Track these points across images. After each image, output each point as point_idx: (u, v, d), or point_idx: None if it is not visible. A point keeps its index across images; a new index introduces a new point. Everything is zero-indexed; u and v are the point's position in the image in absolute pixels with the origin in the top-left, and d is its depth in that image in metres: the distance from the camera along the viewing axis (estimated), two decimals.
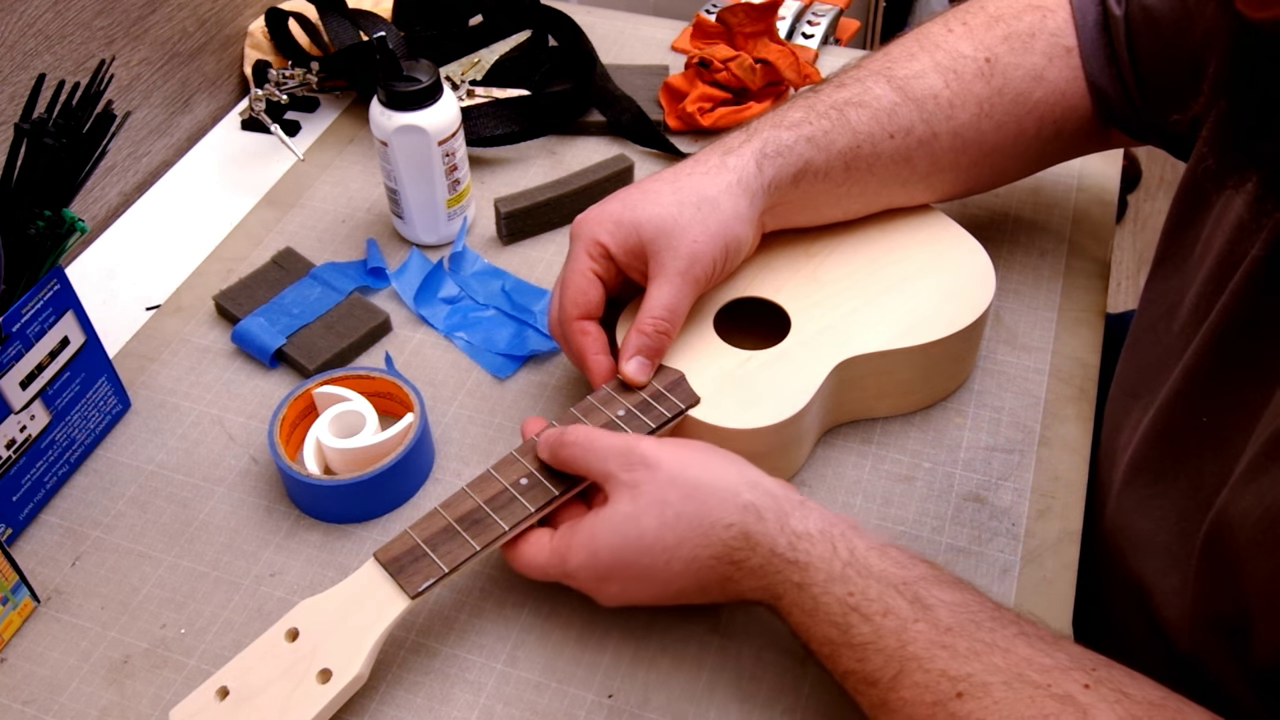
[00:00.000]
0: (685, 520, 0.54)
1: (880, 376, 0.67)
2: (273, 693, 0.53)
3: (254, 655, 0.54)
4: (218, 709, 0.52)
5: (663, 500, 0.55)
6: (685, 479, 0.55)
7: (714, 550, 0.54)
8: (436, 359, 0.76)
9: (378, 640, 0.54)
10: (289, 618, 0.55)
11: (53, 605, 0.63)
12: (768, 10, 0.96)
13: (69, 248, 0.64)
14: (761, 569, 0.54)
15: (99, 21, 0.84)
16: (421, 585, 0.55)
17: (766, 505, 0.54)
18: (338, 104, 0.98)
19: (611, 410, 0.63)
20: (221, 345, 0.77)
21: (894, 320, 0.67)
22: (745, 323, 0.69)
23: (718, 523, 0.54)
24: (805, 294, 0.69)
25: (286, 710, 0.52)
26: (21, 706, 0.59)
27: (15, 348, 0.61)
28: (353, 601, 0.55)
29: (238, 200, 0.89)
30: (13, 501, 0.65)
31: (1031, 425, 0.71)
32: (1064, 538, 0.65)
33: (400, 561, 0.56)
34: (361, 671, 0.53)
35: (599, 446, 0.57)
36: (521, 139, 0.91)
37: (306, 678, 0.53)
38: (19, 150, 0.60)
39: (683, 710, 0.58)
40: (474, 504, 0.58)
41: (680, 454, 0.56)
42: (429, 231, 0.83)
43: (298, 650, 0.54)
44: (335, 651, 0.54)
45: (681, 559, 0.54)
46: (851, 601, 0.51)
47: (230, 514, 0.67)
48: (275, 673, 0.53)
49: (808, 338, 0.66)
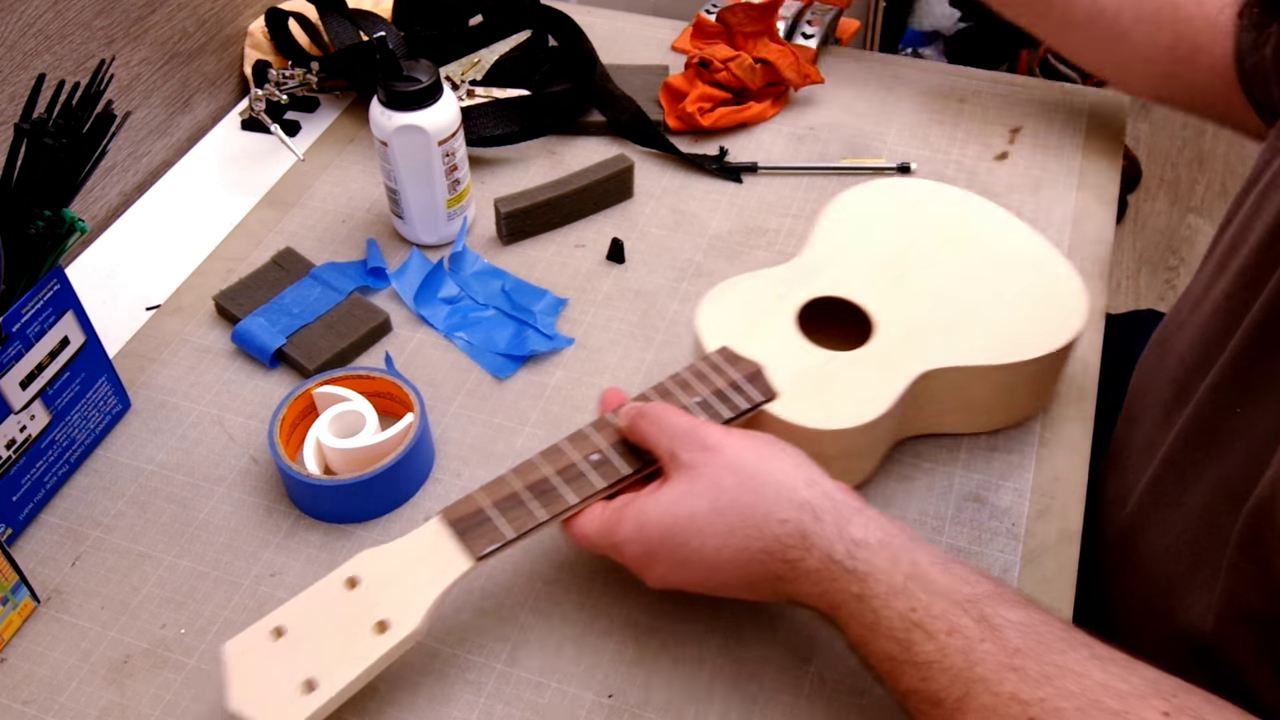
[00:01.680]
0: (739, 508, 0.53)
1: (958, 392, 0.66)
2: (328, 638, 0.53)
3: (311, 599, 0.54)
4: (271, 647, 0.53)
5: (718, 484, 0.54)
6: (743, 466, 0.54)
7: (766, 544, 0.53)
8: (436, 359, 0.76)
9: (439, 597, 0.54)
10: (349, 566, 0.55)
11: (53, 605, 0.63)
12: (768, 10, 0.96)
13: (69, 248, 0.64)
14: (818, 574, 0.52)
15: (99, 21, 0.84)
16: (487, 548, 0.55)
17: (824, 506, 0.53)
18: (338, 104, 0.98)
19: (688, 396, 0.62)
20: (221, 345, 0.77)
21: (981, 336, 0.66)
22: (825, 322, 0.68)
23: (771, 515, 0.53)
24: (891, 300, 0.68)
25: (342, 657, 0.52)
26: (21, 706, 0.59)
27: (15, 348, 0.61)
28: (415, 557, 0.55)
29: (238, 200, 0.89)
30: (13, 501, 0.65)
31: (1031, 425, 0.71)
32: (1064, 538, 0.65)
33: (466, 522, 0.56)
34: (420, 627, 0.53)
35: (669, 424, 0.57)
36: (521, 139, 0.91)
37: (363, 627, 0.53)
38: (19, 150, 0.60)
39: (683, 710, 0.58)
40: (543, 475, 0.58)
41: (742, 442, 0.55)
42: (429, 231, 0.83)
43: (356, 599, 0.54)
44: (394, 604, 0.53)
45: (732, 548, 0.53)
46: (915, 617, 0.49)
47: (230, 514, 0.67)
48: (331, 618, 0.53)
49: (891, 344, 0.65)
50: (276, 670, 0.52)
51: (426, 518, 0.66)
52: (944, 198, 0.75)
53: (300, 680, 0.51)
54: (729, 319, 0.67)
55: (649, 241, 0.84)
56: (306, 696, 0.51)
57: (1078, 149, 0.90)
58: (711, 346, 0.65)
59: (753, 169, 0.89)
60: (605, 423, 0.60)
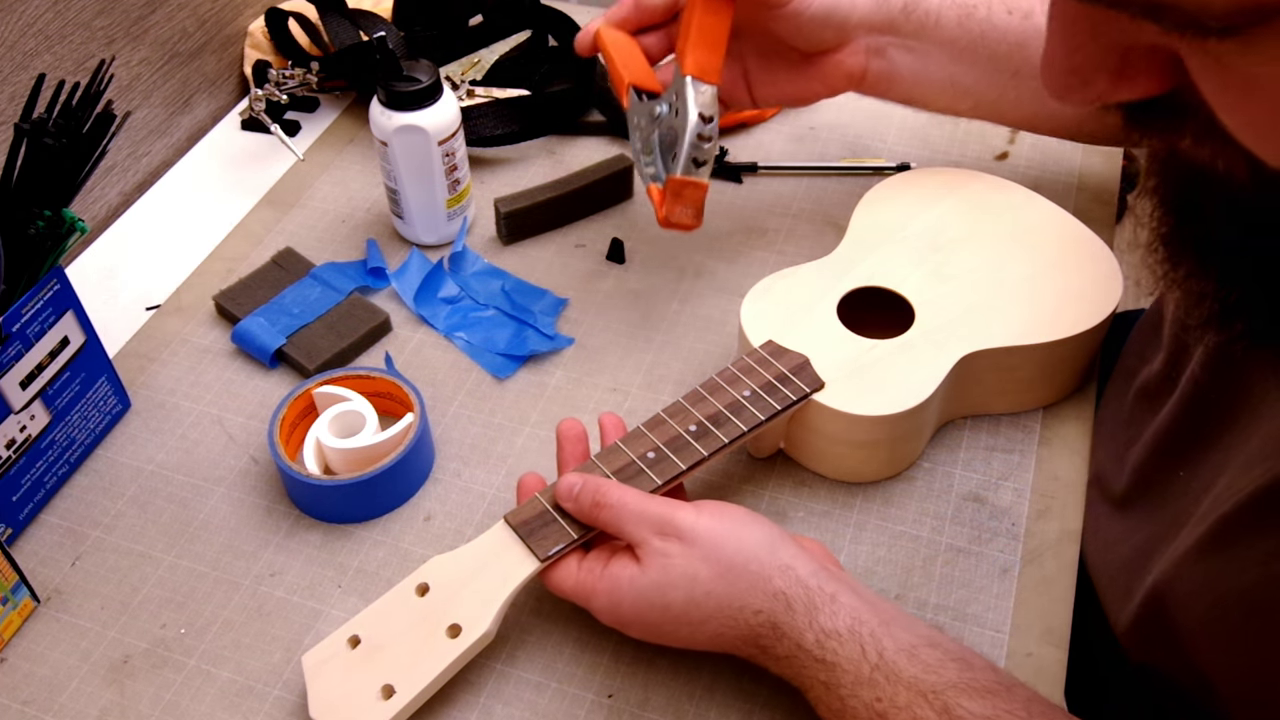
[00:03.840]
0: (714, 599, 0.53)
1: (1002, 373, 0.67)
2: (403, 644, 0.54)
3: (385, 607, 0.56)
4: (349, 656, 0.54)
5: (693, 577, 0.54)
6: (719, 559, 0.54)
7: (739, 632, 0.54)
8: (436, 359, 0.76)
9: (507, 599, 0.55)
10: (419, 573, 0.56)
11: (53, 605, 0.63)
12: None
13: (69, 248, 0.64)
14: (788, 660, 0.53)
15: (99, 21, 0.84)
16: (552, 549, 0.56)
17: (797, 595, 0.53)
18: (338, 104, 0.98)
19: (737, 390, 0.62)
20: (221, 345, 0.77)
21: (1019, 317, 0.67)
22: (866, 312, 0.69)
23: (746, 608, 0.53)
24: (929, 287, 0.69)
25: (417, 661, 0.53)
26: (21, 706, 0.59)
27: (15, 348, 0.61)
28: (482, 561, 0.57)
29: (238, 200, 0.89)
30: (13, 501, 0.65)
31: (1031, 425, 0.71)
32: (1064, 538, 0.65)
33: (530, 525, 0.57)
34: (490, 629, 0.55)
35: (634, 510, 0.56)
36: (521, 139, 0.91)
37: (436, 631, 0.54)
38: (19, 150, 0.60)
39: (683, 710, 0.58)
40: (602, 475, 0.59)
41: (717, 529, 0.55)
42: (429, 231, 0.83)
43: (428, 605, 0.55)
44: (465, 608, 0.55)
45: (706, 633, 0.54)
46: (879, 707, 0.50)
47: (230, 514, 0.67)
48: (406, 625, 0.55)
49: (932, 329, 0.66)
50: (354, 678, 0.53)
51: (427, 518, 0.66)
52: (974, 183, 0.76)
53: (378, 687, 0.53)
54: (772, 314, 0.67)
55: (649, 241, 0.84)
56: (385, 702, 0.53)
57: (1077, 149, 0.90)
58: (757, 341, 0.66)
59: (753, 169, 0.89)
60: (659, 420, 0.61)
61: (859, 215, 0.74)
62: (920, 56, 0.71)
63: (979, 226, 0.73)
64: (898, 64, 0.71)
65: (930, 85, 0.73)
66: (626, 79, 0.70)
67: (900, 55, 0.71)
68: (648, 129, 0.69)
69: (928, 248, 0.72)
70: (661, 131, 0.68)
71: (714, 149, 0.66)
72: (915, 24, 0.70)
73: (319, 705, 0.53)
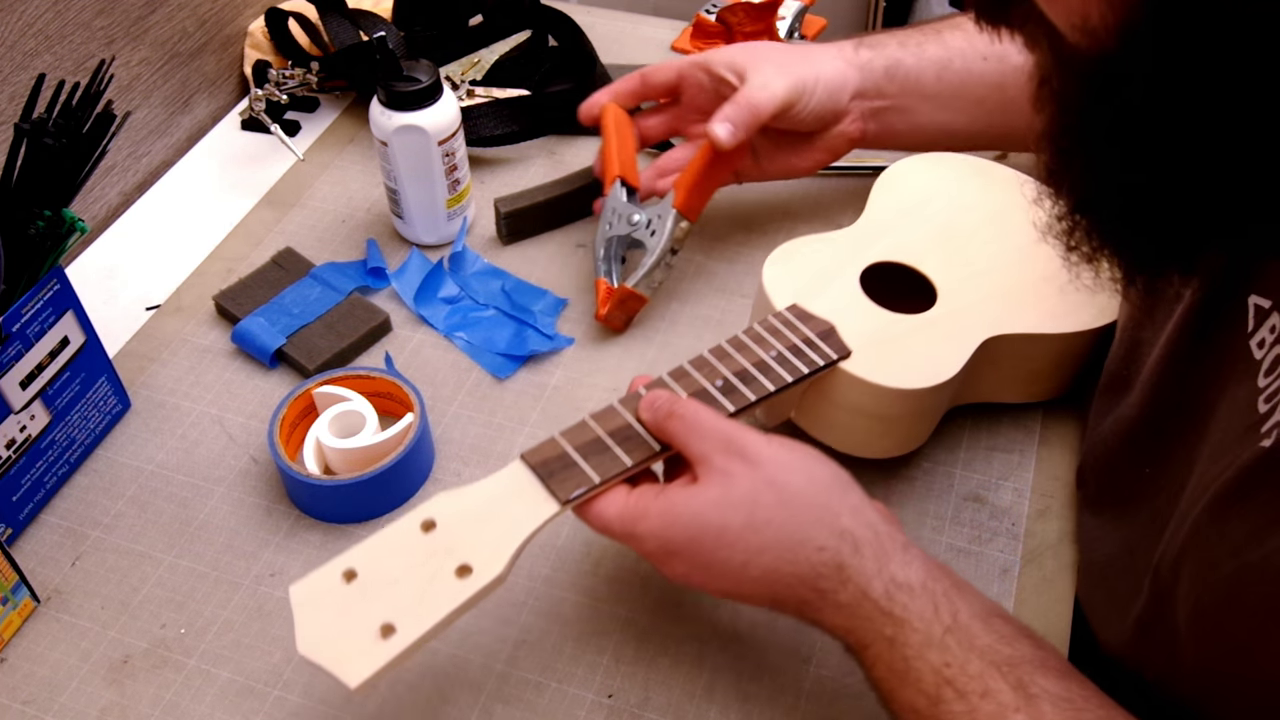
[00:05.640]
0: (775, 528, 0.50)
1: (1018, 361, 0.67)
2: (406, 581, 0.50)
3: (384, 542, 0.51)
4: (343, 590, 0.49)
5: (755, 500, 0.50)
6: (785, 485, 0.51)
7: (798, 570, 0.50)
8: (436, 359, 0.76)
9: (523, 542, 0.51)
10: (425, 508, 0.52)
11: (53, 605, 0.63)
12: (768, 10, 0.96)
13: (69, 248, 0.64)
14: (849, 609, 0.49)
15: (99, 21, 0.84)
16: (573, 492, 0.53)
17: (866, 538, 0.50)
18: (338, 104, 0.98)
19: (764, 350, 0.61)
20: (221, 345, 0.77)
21: (1042, 306, 0.66)
22: (883, 286, 0.68)
23: (809, 542, 0.50)
24: (950, 267, 0.69)
25: (421, 600, 0.49)
26: (21, 706, 0.59)
27: (15, 348, 0.61)
28: (497, 500, 0.53)
29: (238, 200, 0.89)
30: (13, 501, 0.65)
31: (1031, 425, 0.71)
32: (1064, 538, 0.65)
33: (550, 466, 0.54)
34: (503, 573, 0.50)
35: (705, 424, 0.53)
36: (521, 139, 0.91)
37: (443, 571, 0.50)
38: (19, 150, 0.60)
39: (683, 710, 0.58)
40: (626, 421, 0.56)
41: (784, 456, 0.52)
42: (429, 231, 0.83)
43: (434, 542, 0.51)
44: (476, 548, 0.51)
45: (760, 567, 0.50)
46: (948, 674, 0.46)
47: (230, 514, 0.67)
48: (408, 562, 0.50)
49: (957, 310, 0.66)
50: (349, 614, 0.49)
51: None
52: (994, 173, 0.77)
53: (377, 625, 0.48)
54: (794, 278, 0.67)
55: None
56: (385, 641, 0.48)
57: None
58: (780, 304, 0.65)
59: None
60: (683, 372, 0.59)
61: (879, 191, 0.75)
62: (908, 113, 0.76)
63: (999, 214, 0.73)
64: (891, 122, 0.77)
65: (923, 134, 0.78)
66: (616, 169, 0.78)
67: (891, 115, 0.76)
68: (615, 225, 0.76)
69: (947, 229, 0.71)
70: (623, 234, 0.76)
71: (668, 274, 0.76)
72: (898, 85, 0.75)
73: (309, 640, 0.48)
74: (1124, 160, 0.41)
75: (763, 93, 0.72)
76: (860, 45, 0.75)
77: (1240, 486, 0.45)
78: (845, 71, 0.74)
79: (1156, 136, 0.39)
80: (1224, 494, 0.46)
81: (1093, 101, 0.41)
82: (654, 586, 0.63)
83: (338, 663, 0.47)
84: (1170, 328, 0.54)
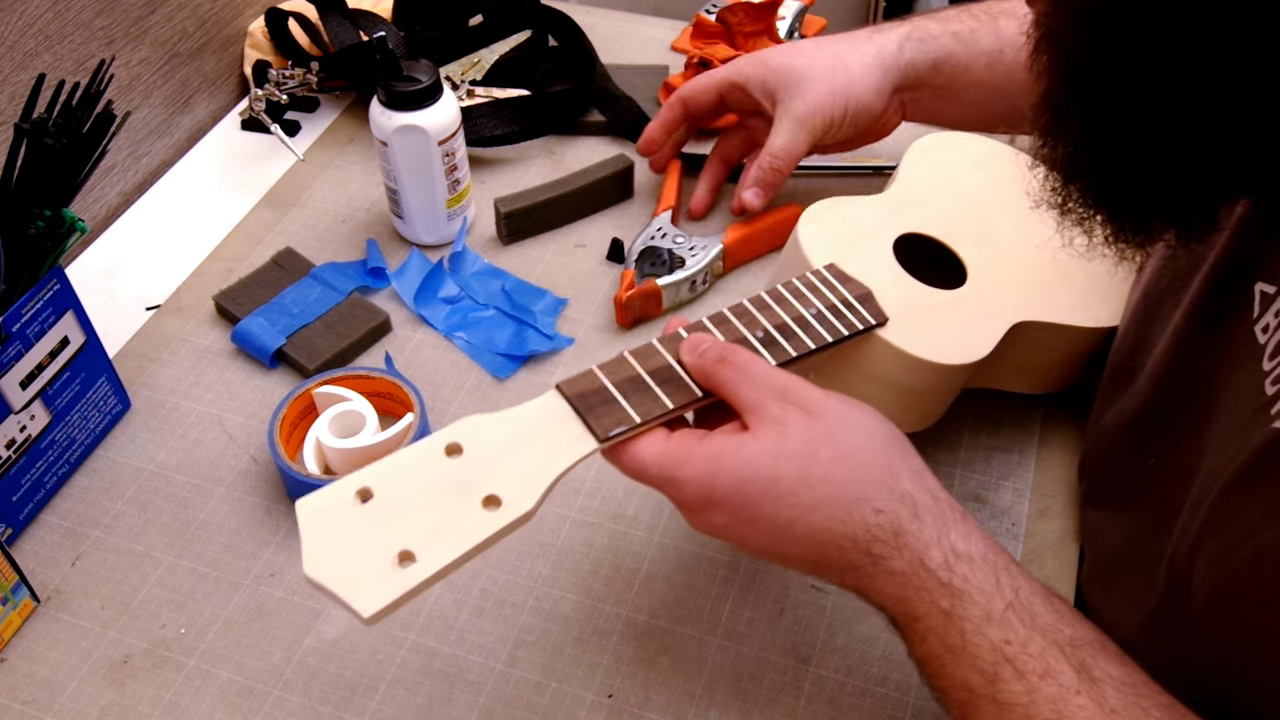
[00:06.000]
0: (830, 485, 0.47)
1: (1038, 349, 0.66)
2: (427, 507, 0.46)
3: (405, 463, 0.47)
4: (357, 510, 0.45)
5: (812, 453, 0.47)
6: (844, 440, 0.48)
7: (851, 531, 0.47)
8: (436, 359, 0.76)
9: (556, 478, 0.48)
10: (450, 430, 0.48)
11: (53, 605, 0.63)
12: (768, 10, 0.96)
13: (69, 248, 0.64)
14: (903, 577, 0.47)
15: (99, 21, 0.84)
16: (613, 430, 0.49)
17: (926, 504, 0.47)
18: (338, 104, 0.98)
19: (805, 307, 0.58)
20: (221, 345, 0.77)
21: (1070, 297, 0.66)
22: (909, 259, 0.67)
23: (866, 501, 0.47)
24: (979, 248, 0.68)
25: (445, 529, 0.45)
26: (21, 706, 0.59)
27: (15, 348, 0.61)
28: (531, 430, 0.49)
29: (238, 200, 0.89)
30: (13, 501, 0.65)
31: (1031, 425, 0.71)
32: (1064, 538, 0.65)
33: (588, 400, 0.50)
34: (533, 508, 0.47)
35: (759, 372, 0.50)
36: (521, 139, 0.91)
37: (469, 499, 0.46)
38: (19, 150, 0.60)
39: (683, 710, 0.58)
40: (666, 362, 0.53)
41: (845, 411, 0.49)
42: (429, 231, 0.83)
43: (460, 468, 0.47)
44: (504, 478, 0.47)
45: (809, 524, 0.47)
46: (1008, 651, 0.44)
47: (230, 514, 0.67)
48: (431, 486, 0.46)
49: (987, 290, 0.65)
50: (363, 537, 0.45)
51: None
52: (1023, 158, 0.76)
53: (394, 551, 0.44)
54: (830, 238, 0.65)
55: None
56: (402, 569, 0.44)
57: None
58: (818, 262, 0.63)
59: None
60: (723, 318, 0.56)
61: (911, 160, 0.74)
62: (953, 101, 0.77)
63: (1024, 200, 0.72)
64: (933, 106, 0.78)
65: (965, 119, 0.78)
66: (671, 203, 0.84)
67: (933, 100, 0.77)
68: (659, 239, 0.81)
69: (977, 208, 0.71)
70: (665, 246, 0.80)
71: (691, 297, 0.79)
72: (946, 78, 0.75)
73: (317, 563, 0.44)
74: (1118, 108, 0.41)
75: (785, 151, 0.75)
76: (907, 41, 0.75)
77: (1253, 469, 0.45)
78: (881, 83, 0.75)
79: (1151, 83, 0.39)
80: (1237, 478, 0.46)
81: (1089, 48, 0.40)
82: (654, 586, 0.63)
83: (349, 589, 0.43)
84: (1178, 317, 0.55)
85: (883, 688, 0.58)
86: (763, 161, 0.76)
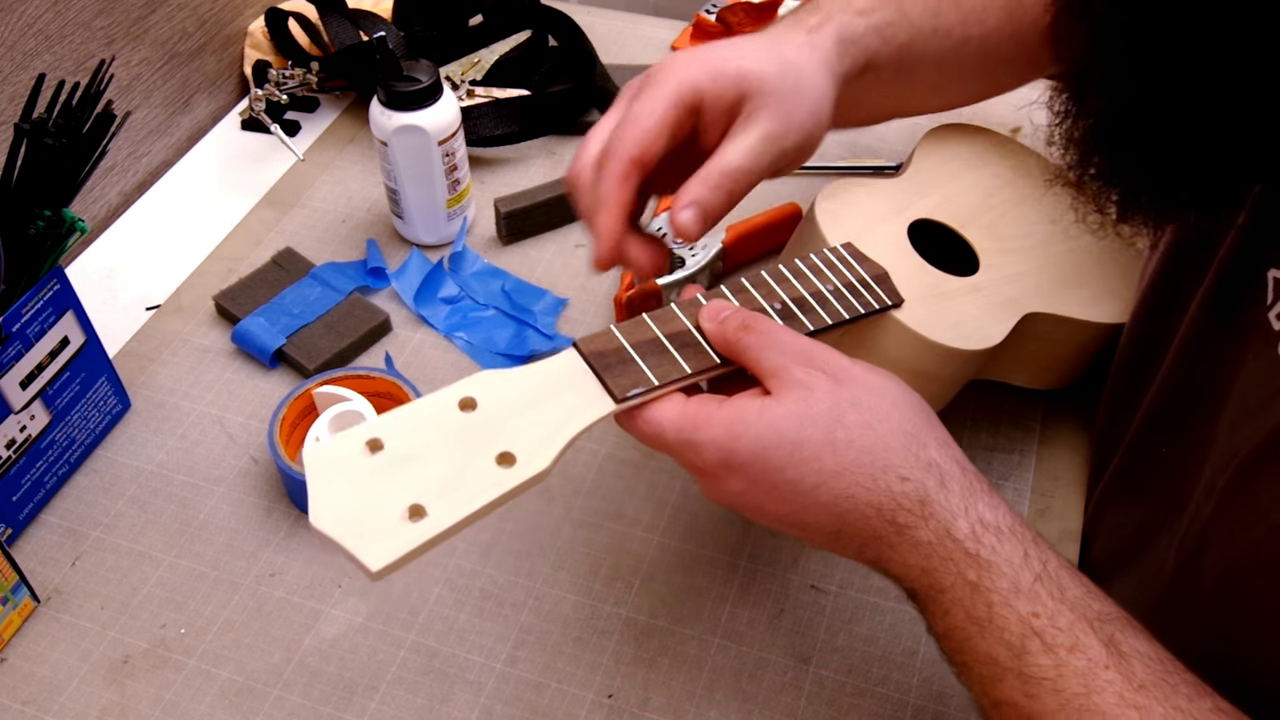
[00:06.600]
0: (856, 450, 0.46)
1: (1044, 343, 0.66)
2: (439, 461, 0.44)
3: (417, 415, 0.46)
4: (365, 463, 0.44)
5: (837, 419, 0.46)
6: (870, 406, 0.47)
7: (876, 499, 0.46)
8: (436, 359, 0.76)
9: (573, 438, 0.47)
10: (464, 384, 0.47)
11: (53, 605, 0.63)
12: (767, 10, 0.96)
13: (69, 248, 0.64)
14: (928, 548, 0.45)
15: (99, 21, 0.84)
16: (630, 390, 0.48)
17: (954, 474, 0.46)
18: (338, 104, 0.98)
19: (822, 283, 0.57)
20: (221, 345, 0.77)
21: (1080, 292, 0.66)
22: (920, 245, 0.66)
23: (891, 469, 0.46)
24: (991, 238, 0.68)
25: (457, 485, 0.44)
26: (21, 706, 0.59)
27: (15, 348, 0.61)
28: (547, 387, 0.48)
29: (238, 200, 0.89)
30: (13, 501, 0.65)
31: (1031, 425, 0.71)
32: (1064, 537, 0.65)
33: (606, 359, 0.49)
34: (548, 467, 0.46)
35: (783, 339, 0.49)
36: (521, 139, 0.91)
37: (482, 455, 0.45)
38: (19, 150, 0.60)
39: (683, 710, 0.58)
40: (685, 326, 0.52)
41: (870, 378, 0.48)
42: (429, 231, 0.83)
43: (473, 423, 0.46)
44: (519, 436, 0.46)
45: (833, 491, 0.46)
46: (1036, 625, 0.43)
47: (230, 514, 0.67)
48: (443, 440, 0.45)
49: (999, 280, 0.65)
50: (372, 488, 0.43)
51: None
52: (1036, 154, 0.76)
53: (404, 505, 0.43)
54: (846, 218, 0.65)
55: None
56: (412, 524, 0.43)
57: None
58: (834, 239, 0.62)
59: None
60: (741, 287, 0.55)
61: (925, 147, 0.74)
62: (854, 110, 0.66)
63: (1035, 194, 0.72)
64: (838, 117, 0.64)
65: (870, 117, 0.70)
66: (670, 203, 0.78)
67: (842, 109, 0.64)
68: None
69: (990, 198, 0.71)
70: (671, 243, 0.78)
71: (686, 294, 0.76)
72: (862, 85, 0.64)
73: (325, 513, 0.43)
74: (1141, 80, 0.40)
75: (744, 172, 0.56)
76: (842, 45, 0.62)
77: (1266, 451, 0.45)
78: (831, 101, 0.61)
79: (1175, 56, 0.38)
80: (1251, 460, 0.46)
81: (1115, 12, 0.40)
82: (654, 586, 0.63)
83: (357, 541, 0.42)
84: (1191, 306, 0.55)
85: (883, 688, 0.58)
86: (710, 178, 0.55)
